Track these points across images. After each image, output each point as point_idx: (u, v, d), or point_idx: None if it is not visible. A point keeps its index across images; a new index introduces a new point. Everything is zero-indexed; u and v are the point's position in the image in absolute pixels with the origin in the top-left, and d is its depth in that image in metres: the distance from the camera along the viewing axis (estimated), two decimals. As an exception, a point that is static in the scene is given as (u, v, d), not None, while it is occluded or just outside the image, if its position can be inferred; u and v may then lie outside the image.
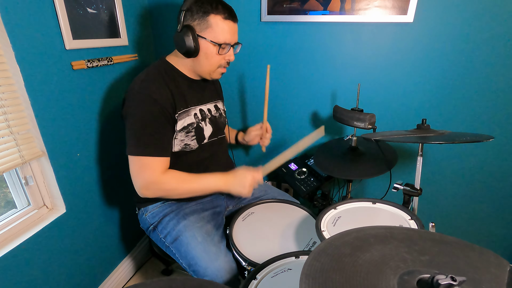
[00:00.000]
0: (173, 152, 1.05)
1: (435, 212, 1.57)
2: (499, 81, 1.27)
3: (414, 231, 0.57)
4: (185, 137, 1.05)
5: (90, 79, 1.21)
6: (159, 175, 0.97)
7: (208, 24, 0.96)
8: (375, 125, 1.12)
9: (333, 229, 0.87)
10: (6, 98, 0.93)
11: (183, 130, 1.03)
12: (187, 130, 1.04)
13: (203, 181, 1.03)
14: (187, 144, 1.06)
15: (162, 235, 1.08)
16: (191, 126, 1.05)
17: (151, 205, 1.13)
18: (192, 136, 1.06)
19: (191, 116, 1.06)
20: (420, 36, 1.28)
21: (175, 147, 1.04)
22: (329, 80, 1.45)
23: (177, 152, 1.05)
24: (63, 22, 1.04)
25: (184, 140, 1.05)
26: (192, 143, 1.07)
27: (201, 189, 1.03)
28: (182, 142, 1.05)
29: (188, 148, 1.07)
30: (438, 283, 0.39)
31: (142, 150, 0.94)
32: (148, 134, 0.95)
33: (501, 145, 1.36)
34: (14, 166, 0.95)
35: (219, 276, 0.94)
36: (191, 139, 1.06)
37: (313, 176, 1.45)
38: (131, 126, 0.95)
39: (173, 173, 1.01)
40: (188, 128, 1.04)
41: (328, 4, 1.31)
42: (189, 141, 1.06)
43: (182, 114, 1.02)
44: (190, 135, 1.05)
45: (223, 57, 1.02)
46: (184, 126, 1.03)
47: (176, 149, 1.05)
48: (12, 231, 1.01)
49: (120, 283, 1.53)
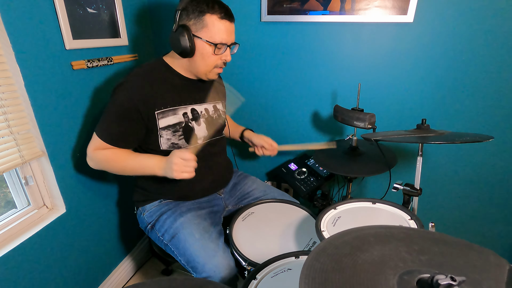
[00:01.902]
0: (162, 150, 1.05)
1: (435, 212, 1.57)
2: (499, 81, 1.27)
3: (414, 231, 0.57)
4: (172, 136, 1.05)
5: (90, 79, 1.21)
6: (92, 150, 1.03)
7: (204, 24, 0.95)
8: (375, 125, 1.12)
9: (333, 229, 0.87)
10: (6, 98, 0.93)
11: (168, 129, 1.03)
12: (174, 129, 1.04)
13: (138, 163, 1.02)
14: (174, 143, 1.06)
15: (160, 233, 1.08)
16: (178, 125, 1.05)
17: (149, 204, 1.14)
18: (179, 136, 1.06)
19: (178, 115, 1.05)
20: (420, 36, 1.28)
21: (162, 145, 1.05)
22: (329, 80, 1.45)
23: (168, 151, 1.04)
24: (63, 22, 1.04)
25: (170, 139, 1.05)
26: (180, 142, 1.06)
27: (135, 170, 1.02)
28: (168, 140, 1.05)
29: (177, 147, 1.06)
30: (437, 283, 0.39)
31: (97, 128, 1.01)
32: (109, 121, 1.00)
33: (501, 145, 1.36)
34: (14, 166, 0.95)
35: (218, 272, 0.94)
36: (178, 138, 1.06)
37: (313, 176, 1.45)
38: (104, 110, 1.01)
39: (106, 152, 1.02)
40: (175, 127, 1.04)
41: (328, 4, 1.31)
42: (177, 140, 1.06)
43: (165, 112, 1.02)
44: (177, 134, 1.05)
45: (219, 57, 1.02)
46: (169, 124, 1.03)
47: (164, 147, 1.05)
48: (12, 231, 1.01)
49: (120, 283, 1.53)
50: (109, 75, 1.31)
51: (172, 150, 1.06)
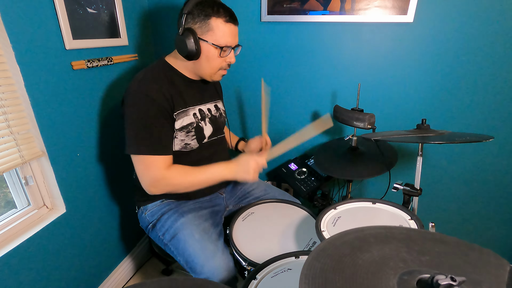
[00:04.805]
0: (174, 151, 1.05)
1: (435, 212, 1.57)
2: (499, 81, 1.27)
3: (414, 231, 0.57)
4: (185, 137, 1.05)
5: (90, 79, 1.21)
6: (164, 171, 0.99)
7: (210, 27, 0.96)
8: (374, 125, 1.12)
9: (333, 229, 0.87)
10: (6, 98, 0.93)
11: (182, 130, 1.04)
12: (187, 130, 1.05)
13: (208, 171, 1.04)
14: (187, 143, 1.06)
15: (160, 233, 1.08)
16: (190, 126, 1.05)
17: (150, 204, 1.14)
18: (192, 136, 1.06)
19: (190, 116, 1.06)
20: (420, 36, 1.28)
21: (175, 146, 1.05)
22: (329, 80, 1.45)
23: (177, 152, 1.06)
24: (63, 22, 1.04)
25: (184, 140, 1.05)
26: (192, 142, 1.07)
27: (206, 180, 1.04)
28: (182, 141, 1.05)
29: (188, 147, 1.07)
30: (438, 283, 0.39)
31: (144, 149, 0.96)
32: (148, 133, 0.96)
33: (501, 145, 1.36)
34: (14, 166, 0.95)
35: (216, 274, 0.94)
36: (191, 138, 1.06)
37: (313, 176, 1.45)
38: (131, 125, 0.96)
39: (177, 168, 1.02)
40: (188, 128, 1.05)
41: (328, 4, 1.31)
42: (190, 141, 1.06)
43: (180, 114, 1.03)
44: (190, 135, 1.06)
45: (224, 59, 1.02)
46: (183, 125, 1.04)
47: (176, 149, 1.06)
48: (12, 231, 1.01)
49: (120, 283, 1.53)
50: (109, 75, 1.31)
51: (183, 150, 1.07)
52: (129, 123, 0.96)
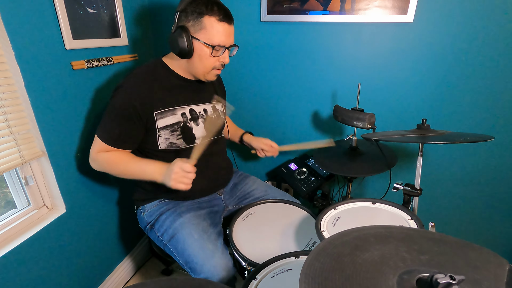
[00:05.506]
0: (161, 149, 1.06)
1: (435, 212, 1.57)
2: (499, 81, 1.27)
3: (413, 230, 0.57)
4: (170, 136, 1.05)
5: (90, 79, 1.21)
6: (95, 153, 1.04)
7: (202, 26, 0.95)
8: (374, 125, 1.12)
9: (333, 229, 0.87)
10: (6, 98, 0.93)
11: (166, 129, 1.04)
12: (172, 129, 1.05)
13: (140, 168, 1.03)
14: (173, 142, 1.07)
15: (159, 233, 1.08)
16: (176, 125, 1.06)
17: (148, 204, 1.14)
18: (178, 135, 1.06)
19: (177, 115, 1.06)
20: (420, 36, 1.28)
21: (160, 145, 1.06)
22: (329, 80, 1.45)
23: (166, 150, 1.07)
24: (63, 22, 1.04)
25: (169, 139, 1.06)
26: (178, 142, 1.07)
27: (137, 175, 1.03)
28: (167, 140, 1.06)
29: (175, 146, 1.07)
30: (437, 282, 0.39)
31: (98, 130, 1.02)
32: (109, 123, 1.01)
33: (501, 145, 1.36)
34: (14, 166, 0.95)
35: (216, 273, 0.94)
36: (176, 138, 1.07)
37: (313, 176, 1.45)
38: (104, 112, 1.03)
39: (109, 155, 1.03)
40: (173, 127, 1.05)
41: (328, 4, 1.31)
42: (175, 140, 1.07)
43: (164, 113, 1.03)
44: (175, 134, 1.06)
45: (217, 59, 1.02)
46: (167, 124, 1.04)
47: (163, 147, 1.06)
48: (12, 231, 1.01)
49: (120, 283, 1.53)
50: (109, 75, 1.31)
51: (170, 149, 1.07)
52: (106, 110, 1.02)
